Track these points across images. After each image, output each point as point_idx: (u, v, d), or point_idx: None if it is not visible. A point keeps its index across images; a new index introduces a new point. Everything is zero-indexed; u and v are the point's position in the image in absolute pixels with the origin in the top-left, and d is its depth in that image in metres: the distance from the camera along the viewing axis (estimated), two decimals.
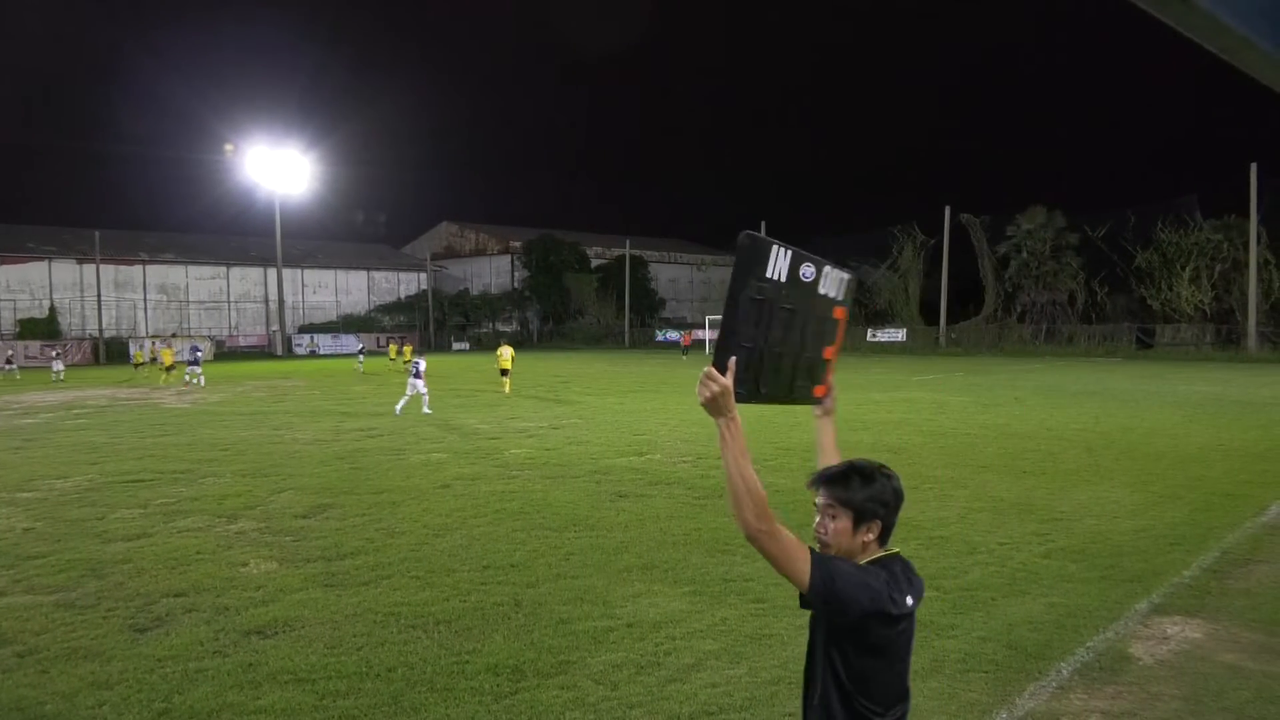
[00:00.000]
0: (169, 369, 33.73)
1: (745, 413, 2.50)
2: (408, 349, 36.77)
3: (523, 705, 4.91)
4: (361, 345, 42.25)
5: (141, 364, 32.49)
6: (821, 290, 2.84)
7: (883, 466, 2.69)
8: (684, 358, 54.36)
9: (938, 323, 59.00)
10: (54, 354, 41.56)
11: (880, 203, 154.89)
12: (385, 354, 42.18)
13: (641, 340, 73.07)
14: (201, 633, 6.05)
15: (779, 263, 2.59)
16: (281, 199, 62.67)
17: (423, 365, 21.65)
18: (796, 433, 16.06)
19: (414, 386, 21.24)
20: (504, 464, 12.90)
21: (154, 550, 8.21)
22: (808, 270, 2.73)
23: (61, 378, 36.07)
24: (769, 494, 2.51)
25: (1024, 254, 56.39)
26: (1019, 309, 57.13)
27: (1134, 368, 38.01)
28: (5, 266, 60.53)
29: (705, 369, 2.44)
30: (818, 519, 2.65)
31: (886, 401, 22.34)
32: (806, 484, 2.73)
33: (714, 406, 2.43)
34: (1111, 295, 53.71)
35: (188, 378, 31.87)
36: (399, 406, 20.88)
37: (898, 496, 2.65)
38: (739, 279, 2.50)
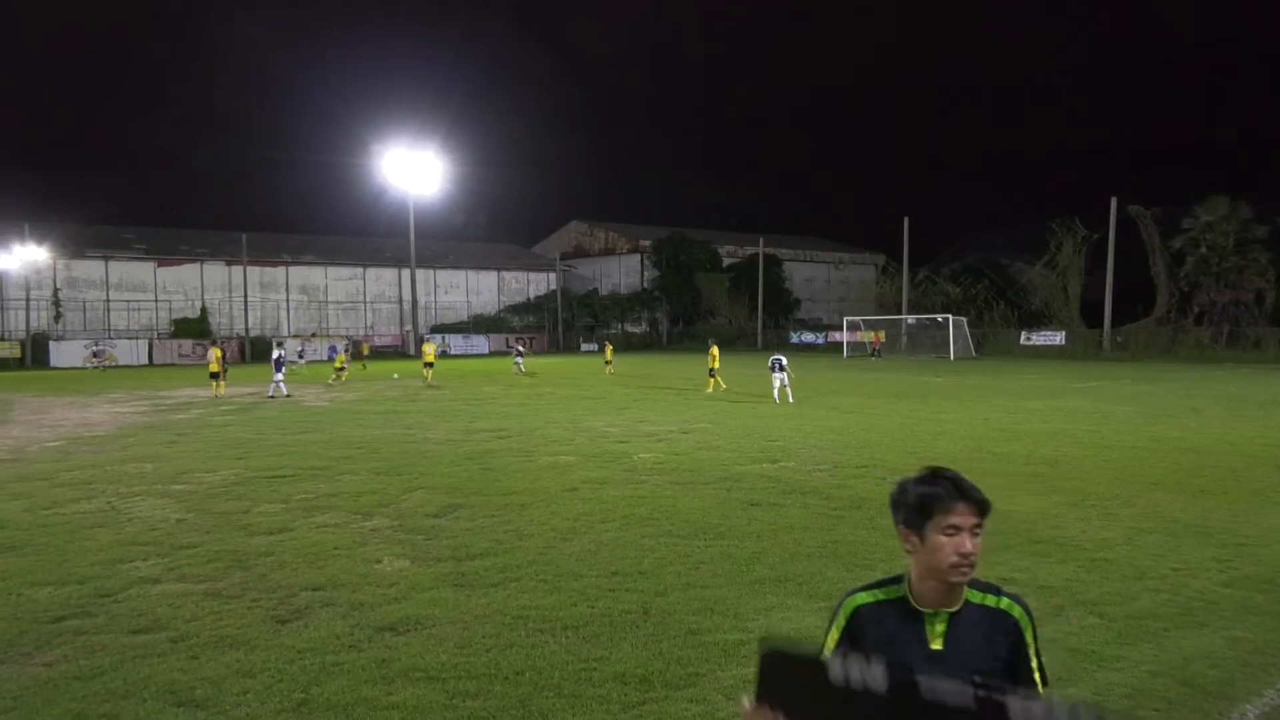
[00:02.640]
0: (341, 369, 35.13)
1: (884, 417, 2.43)
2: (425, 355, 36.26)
3: (650, 716, 4.94)
4: (521, 346, 42.92)
5: (342, 366, 34.26)
6: None
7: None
8: (877, 359, 53.64)
9: (1101, 325, 55.88)
10: (298, 351, 47.07)
11: (1033, 193, 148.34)
12: (509, 354, 43.01)
13: (776, 342, 72.34)
14: (338, 627, 6.37)
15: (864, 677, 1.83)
16: (415, 200, 65.31)
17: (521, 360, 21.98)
18: (942, 442, 15.56)
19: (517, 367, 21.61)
20: (632, 468, 13.03)
21: (294, 544, 8.72)
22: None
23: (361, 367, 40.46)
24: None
25: (1202, 249, 52.75)
26: (1196, 310, 53.51)
27: None
28: (163, 269, 65.66)
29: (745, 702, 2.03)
30: (963, 543, 2.37)
31: (1043, 410, 21.36)
32: (951, 502, 2.45)
33: None
34: None
35: (333, 378, 34.15)
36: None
37: None
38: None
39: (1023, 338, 58.02)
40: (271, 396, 26.54)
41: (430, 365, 34.05)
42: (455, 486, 11.64)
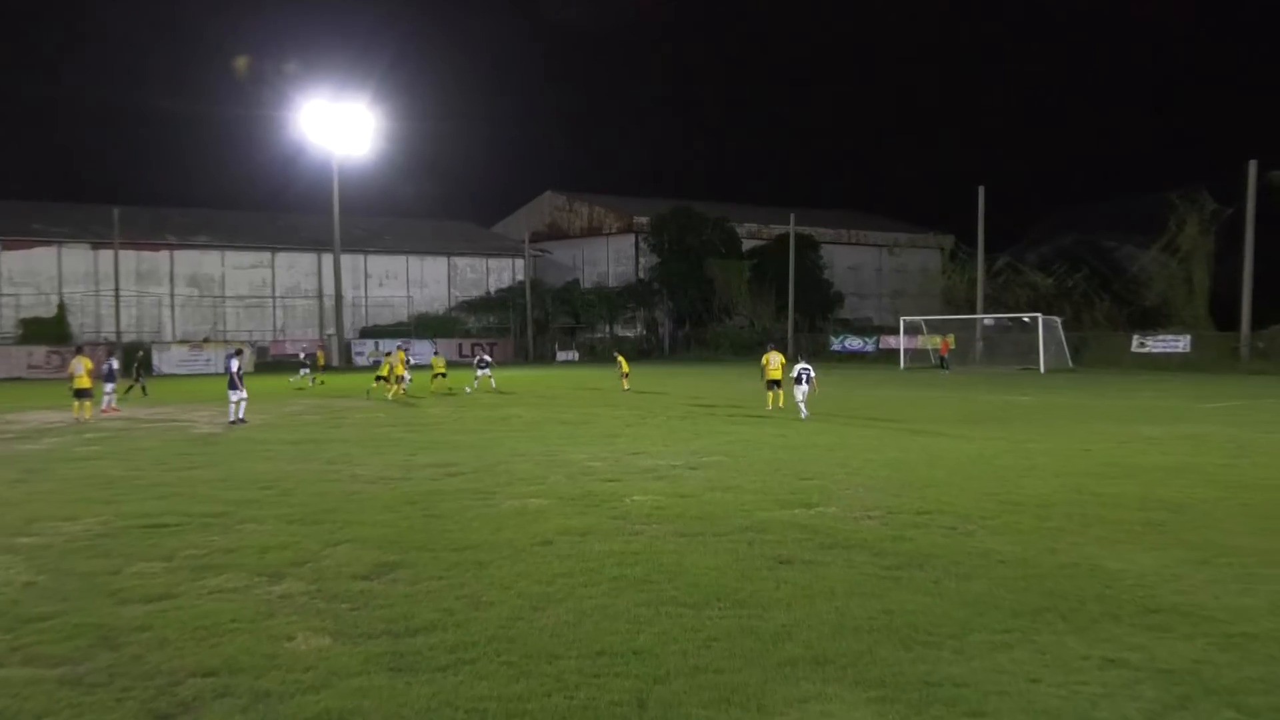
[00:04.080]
0: (395, 378, 36.25)
1: (953, 447, 2.42)
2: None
3: None
4: (487, 355, 43.10)
5: (384, 379, 35.18)
6: None
7: None
8: (945, 373, 53.70)
9: (1236, 327, 56.04)
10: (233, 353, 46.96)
11: (1146, 157, 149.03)
12: (471, 366, 43.25)
13: (812, 349, 72.50)
14: None
15: None
16: (341, 164, 65.45)
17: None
18: (1030, 481, 15.57)
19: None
20: (624, 514, 12.99)
21: (180, 616, 8.66)
22: None
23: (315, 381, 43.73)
24: (986, 562, 2.42)
25: None
26: None
27: None
28: (7, 254, 65.53)
29: None
30: None
31: (1162, 439, 21.39)
32: None
33: None
34: None
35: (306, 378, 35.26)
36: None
37: None
38: None
39: (1134, 343, 58.19)
40: (239, 420, 26.67)
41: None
42: (391, 539, 11.60)
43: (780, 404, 28.42)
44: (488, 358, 42.14)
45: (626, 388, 37.95)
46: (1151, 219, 64.86)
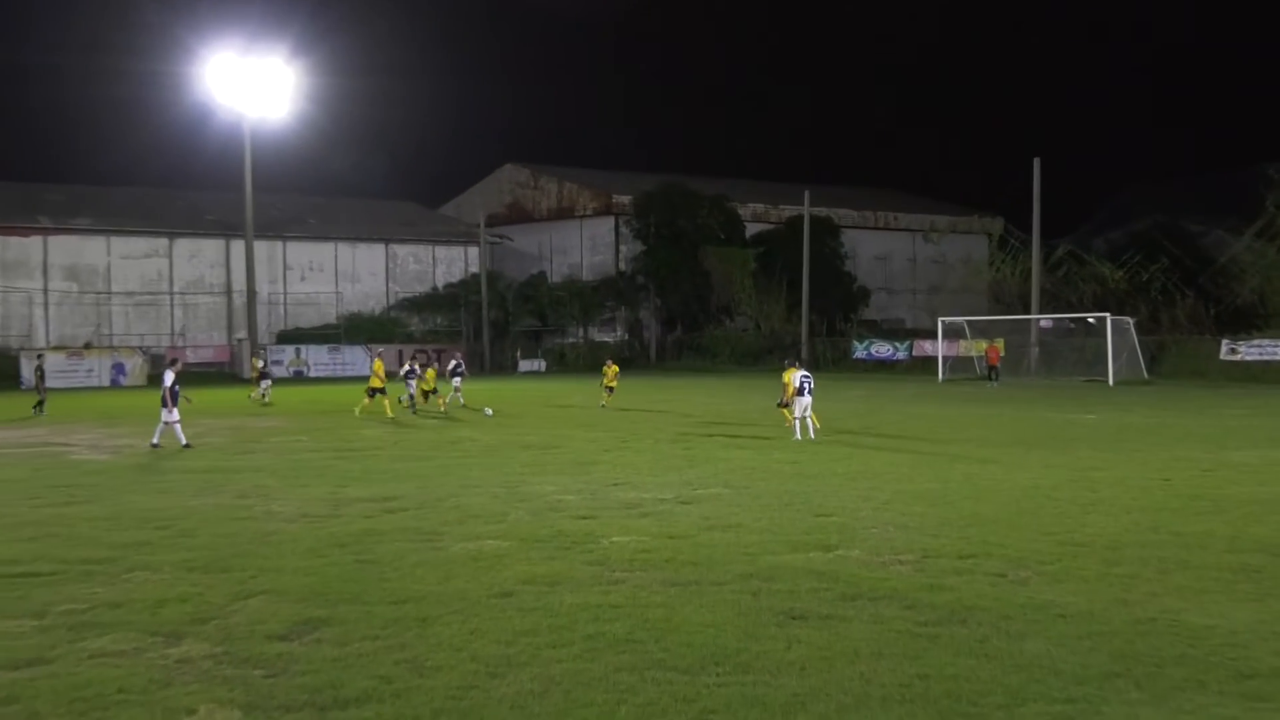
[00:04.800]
0: (432, 390, 38.76)
1: (1003, 476, 2.43)
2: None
3: None
4: (460, 363, 42.94)
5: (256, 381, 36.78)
6: None
7: None
8: (993, 385, 53.73)
9: None
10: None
11: (1238, 126, 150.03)
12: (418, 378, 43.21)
13: (831, 357, 72.61)
14: None
15: None
16: (254, 132, 65.20)
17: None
18: (1095, 517, 15.62)
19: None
20: (601, 559, 12.98)
21: (54, 685, 8.59)
22: None
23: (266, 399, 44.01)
24: (1043, 617, 2.42)
25: None
26: None
27: None
28: None
29: None
30: None
31: (1258, 466, 21.48)
32: None
33: None
34: None
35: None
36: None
37: None
38: None
39: (1224, 349, 58.34)
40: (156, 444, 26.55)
41: (434, 392, 39.10)
42: (316, 590, 11.56)
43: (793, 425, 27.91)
44: (460, 365, 42.00)
45: (604, 403, 37.93)
46: (1245, 198, 65.18)
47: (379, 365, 38.13)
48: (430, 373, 39.45)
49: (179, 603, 11.08)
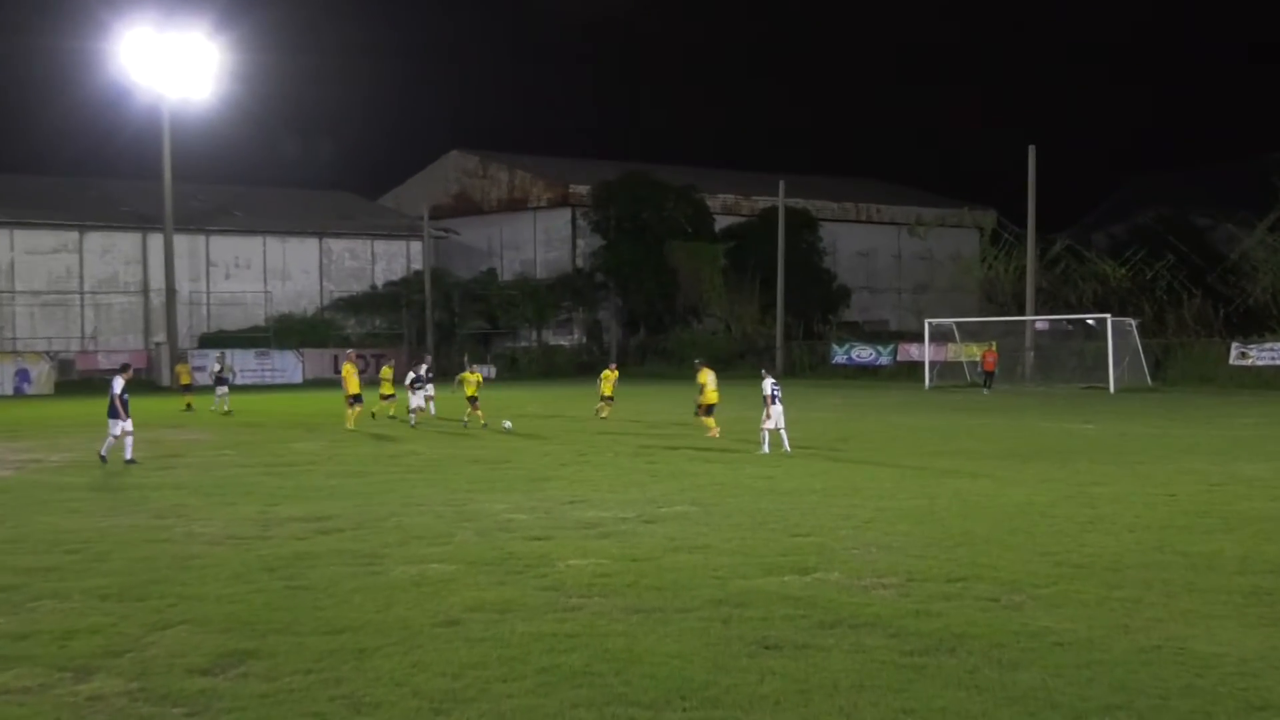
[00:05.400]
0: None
1: (995, 491, 2.46)
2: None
3: None
4: (426, 368, 42.51)
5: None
6: None
7: None
8: (986, 392, 53.82)
9: None
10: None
11: (1249, 113, 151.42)
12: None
13: (808, 362, 72.74)
14: None
15: None
16: (174, 115, 64.73)
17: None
18: (1095, 536, 15.72)
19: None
20: (556, 584, 12.99)
21: None
22: None
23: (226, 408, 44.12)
24: (1039, 645, 2.46)
25: None
26: None
27: None
28: None
29: None
30: None
31: (1270, 480, 21.65)
32: None
33: None
34: None
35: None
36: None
37: None
38: None
39: (1234, 353, 58.73)
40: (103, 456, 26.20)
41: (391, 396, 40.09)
42: (242, 619, 11.50)
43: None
44: (426, 369, 41.69)
45: (605, 414, 37.60)
46: (1257, 190, 65.62)
47: (388, 370, 40.42)
48: (471, 377, 38.59)
49: (90, 634, 11.00)
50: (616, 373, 40.95)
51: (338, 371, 68.99)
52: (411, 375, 40.19)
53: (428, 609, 11.84)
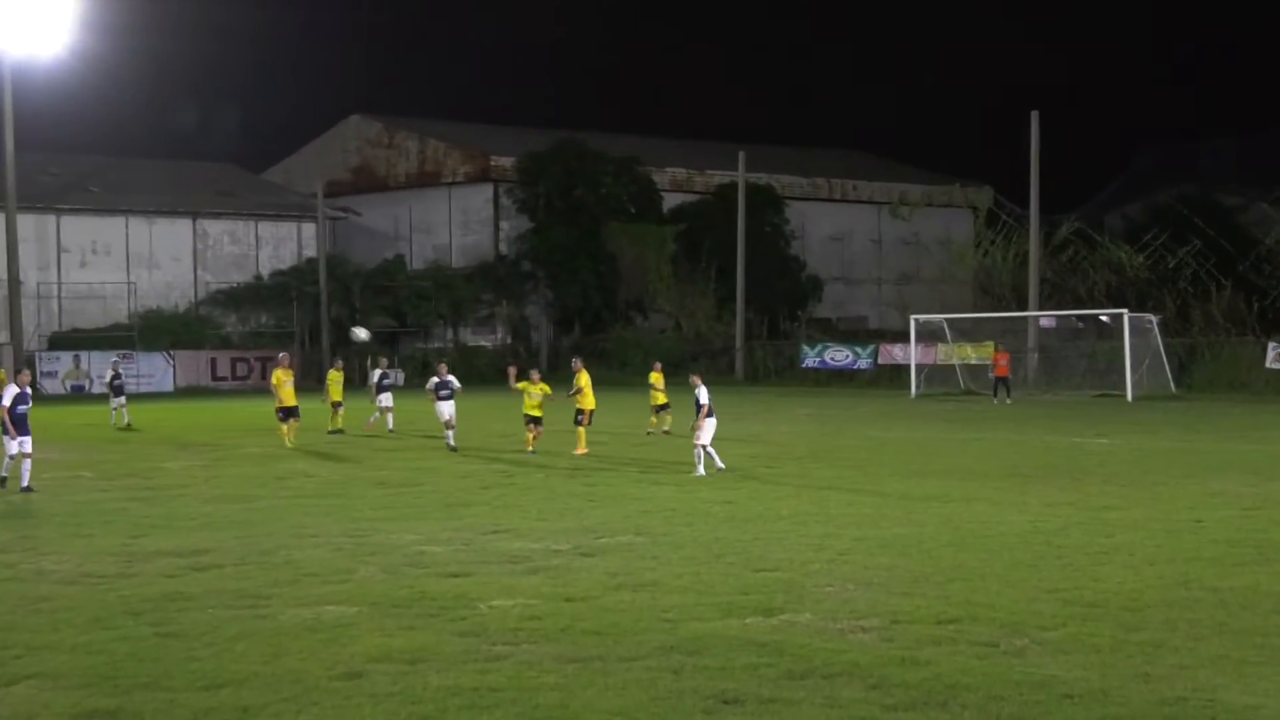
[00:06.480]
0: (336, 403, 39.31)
1: (991, 517, 2.48)
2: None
3: None
4: (385, 370, 42.31)
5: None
6: None
7: None
8: (1007, 401, 53.95)
9: None
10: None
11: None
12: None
13: (773, 366, 72.73)
14: None
15: None
16: (17, 72, 64.16)
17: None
18: (1110, 569, 15.83)
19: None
20: (477, 629, 12.95)
21: None
22: None
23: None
24: (1045, 697, 2.48)
25: None
26: None
27: None
28: None
29: None
30: None
31: None
32: None
33: None
34: None
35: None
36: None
37: None
38: None
39: (1270, 355, 59.11)
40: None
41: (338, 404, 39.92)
42: (103, 672, 11.40)
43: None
44: (385, 371, 41.61)
45: (666, 427, 37.26)
46: None
47: (336, 375, 40.49)
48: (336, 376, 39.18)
49: None
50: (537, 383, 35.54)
51: (218, 377, 69.36)
52: (377, 374, 40.52)
53: (324, 659, 11.77)
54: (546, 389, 32.85)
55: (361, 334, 34.41)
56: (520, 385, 32.68)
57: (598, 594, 14.63)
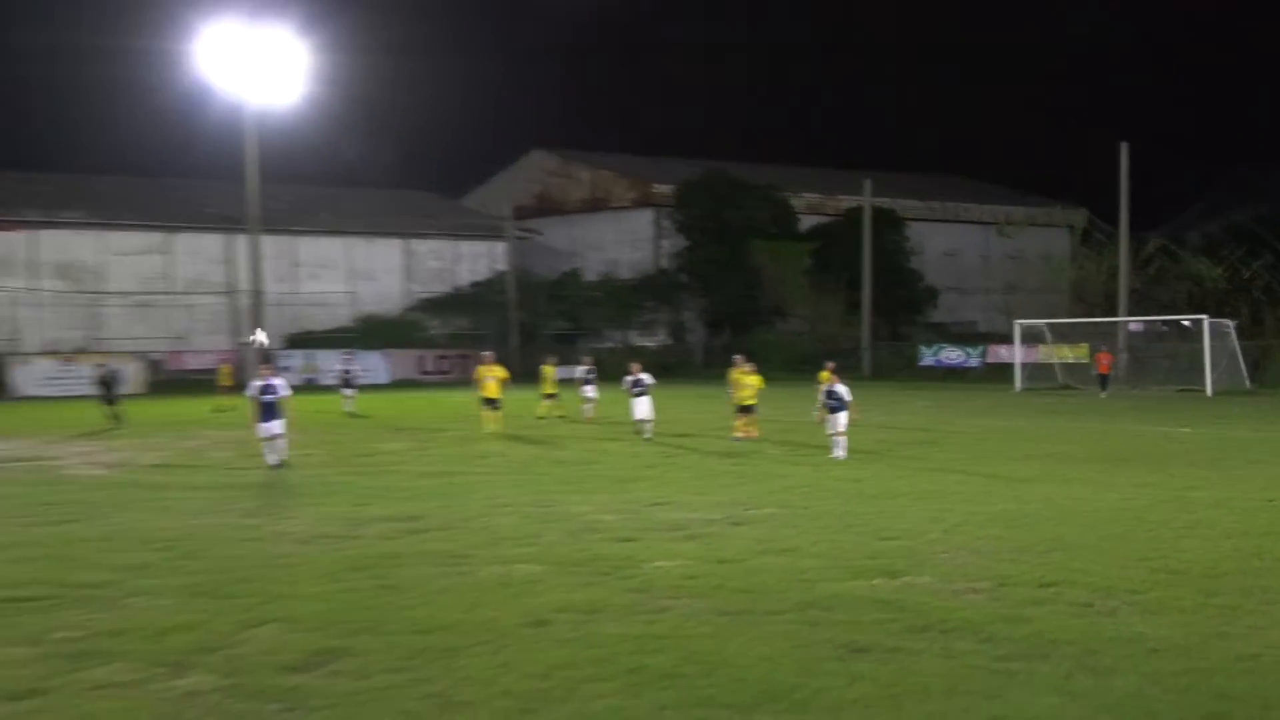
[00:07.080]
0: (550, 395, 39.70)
1: (1088, 496, 2.50)
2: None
3: None
4: (589, 368, 42.04)
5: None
6: None
7: None
8: (1101, 396, 53.29)
9: None
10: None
11: None
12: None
13: (895, 364, 72.15)
14: None
15: None
16: (259, 116, 65.26)
17: None
18: (1191, 541, 15.55)
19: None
20: (644, 586, 13.06)
21: (52, 719, 8.73)
22: None
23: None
24: (1134, 651, 2.50)
25: None
26: None
27: None
28: None
29: None
30: None
31: None
32: None
33: None
34: None
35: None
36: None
37: None
38: None
39: None
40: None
41: (552, 395, 39.89)
42: (332, 618, 11.65)
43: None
44: (589, 369, 41.16)
45: (755, 433, 35.42)
46: None
47: (550, 370, 40.11)
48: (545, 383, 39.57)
49: (183, 631, 11.19)
50: (750, 374, 31.79)
51: (425, 372, 70.25)
52: (582, 370, 40.85)
53: (515, 609, 11.94)
54: (760, 381, 31.56)
55: (260, 336, 33.87)
56: (736, 375, 31.48)
57: (745, 557, 14.68)
